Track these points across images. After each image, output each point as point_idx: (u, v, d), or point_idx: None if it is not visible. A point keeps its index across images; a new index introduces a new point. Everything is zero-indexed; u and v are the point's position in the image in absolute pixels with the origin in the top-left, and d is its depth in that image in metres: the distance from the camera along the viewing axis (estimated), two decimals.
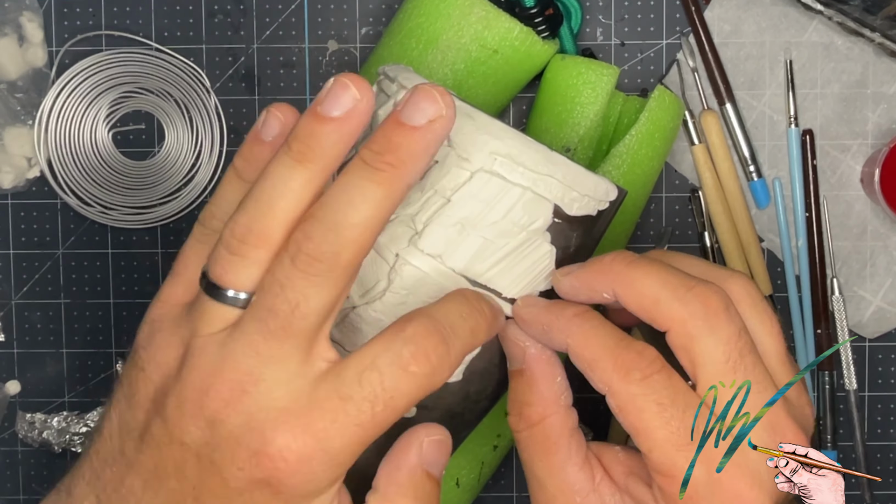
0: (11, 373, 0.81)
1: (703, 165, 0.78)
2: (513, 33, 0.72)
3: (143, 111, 0.80)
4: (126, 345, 0.81)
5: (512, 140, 0.56)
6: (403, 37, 0.73)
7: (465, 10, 0.72)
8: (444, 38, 0.72)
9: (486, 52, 0.72)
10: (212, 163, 0.80)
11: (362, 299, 0.57)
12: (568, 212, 0.57)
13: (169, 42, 0.80)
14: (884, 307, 0.80)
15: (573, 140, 0.73)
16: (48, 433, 0.81)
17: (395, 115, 0.49)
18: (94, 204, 0.80)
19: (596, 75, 0.73)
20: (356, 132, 0.49)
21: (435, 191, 0.56)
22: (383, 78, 0.61)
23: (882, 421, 0.80)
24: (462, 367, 0.58)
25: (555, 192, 0.57)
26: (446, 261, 0.56)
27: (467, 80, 0.73)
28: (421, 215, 0.56)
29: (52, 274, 0.81)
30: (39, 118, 0.79)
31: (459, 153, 0.56)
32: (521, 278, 0.58)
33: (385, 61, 0.73)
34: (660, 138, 0.73)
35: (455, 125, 0.56)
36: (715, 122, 0.78)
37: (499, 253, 0.57)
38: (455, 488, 0.75)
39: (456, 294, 0.54)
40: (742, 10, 0.79)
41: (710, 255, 0.80)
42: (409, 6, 0.74)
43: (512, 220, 0.56)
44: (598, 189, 0.58)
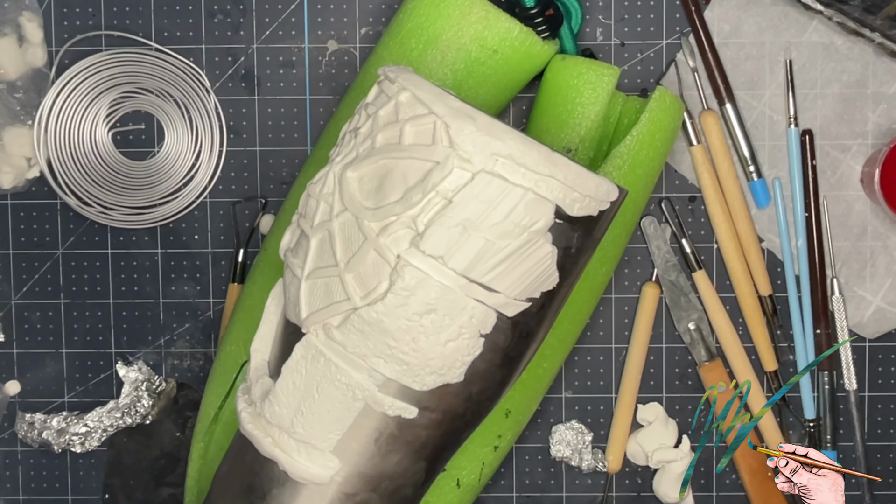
0: (11, 373, 0.81)
1: (701, 166, 0.78)
2: (513, 33, 0.72)
3: (142, 111, 0.80)
4: (126, 345, 0.81)
5: (513, 141, 0.56)
6: (403, 37, 0.73)
7: (464, 10, 0.72)
8: (444, 39, 0.72)
9: (486, 53, 0.72)
10: (211, 163, 0.80)
11: (364, 300, 0.57)
12: (569, 212, 0.57)
13: (169, 42, 0.80)
14: (884, 307, 0.80)
15: (574, 140, 0.73)
16: (48, 433, 0.81)
17: None
18: (94, 204, 0.80)
19: (596, 76, 0.73)
20: None
21: (436, 192, 0.56)
22: (384, 79, 0.61)
23: (882, 421, 0.80)
24: (463, 368, 0.59)
25: (556, 192, 0.57)
26: (448, 262, 0.56)
27: (467, 80, 0.73)
28: (422, 216, 0.56)
29: (52, 274, 0.81)
30: (39, 118, 0.79)
31: (461, 154, 0.56)
32: (523, 279, 0.58)
33: (385, 62, 0.73)
34: (660, 139, 0.73)
35: (456, 126, 0.56)
36: (715, 121, 0.78)
37: (500, 254, 0.57)
38: (456, 488, 0.75)
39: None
40: (742, 10, 0.79)
41: (693, 258, 0.80)
42: (408, 6, 0.74)
43: (513, 221, 0.56)
44: (599, 189, 0.58)
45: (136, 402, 0.80)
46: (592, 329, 0.80)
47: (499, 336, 0.59)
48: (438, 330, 0.57)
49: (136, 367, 0.81)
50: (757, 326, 0.79)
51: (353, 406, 0.59)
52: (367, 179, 0.58)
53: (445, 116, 0.57)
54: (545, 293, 0.59)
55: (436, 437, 0.62)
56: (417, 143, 0.57)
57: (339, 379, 0.59)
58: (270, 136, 0.80)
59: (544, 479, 0.81)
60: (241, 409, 0.62)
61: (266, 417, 0.61)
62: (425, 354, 0.58)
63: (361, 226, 0.57)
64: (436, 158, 0.56)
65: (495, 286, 0.57)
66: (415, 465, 0.62)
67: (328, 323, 0.59)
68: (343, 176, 0.59)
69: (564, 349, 0.76)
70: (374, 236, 0.57)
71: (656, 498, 0.81)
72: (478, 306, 0.57)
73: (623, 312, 0.80)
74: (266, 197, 0.80)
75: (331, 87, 0.80)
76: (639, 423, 0.80)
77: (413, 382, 0.59)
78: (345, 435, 0.60)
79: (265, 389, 0.62)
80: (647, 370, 0.80)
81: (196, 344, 0.81)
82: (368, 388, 0.59)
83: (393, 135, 0.58)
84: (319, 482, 0.61)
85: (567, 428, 0.80)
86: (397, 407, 0.59)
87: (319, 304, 0.59)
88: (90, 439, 0.81)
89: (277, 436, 0.61)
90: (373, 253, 0.57)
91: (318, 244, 0.60)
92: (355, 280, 0.58)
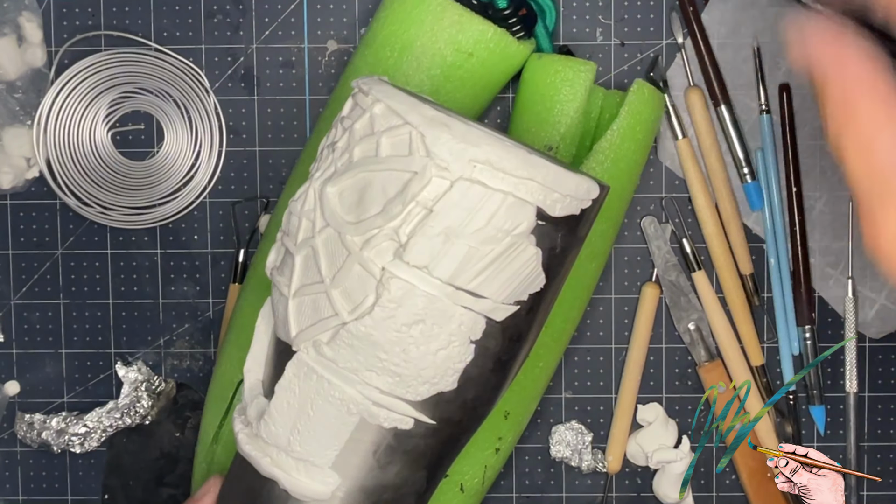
0: (10, 373, 0.81)
1: (688, 160, 0.78)
2: (487, 35, 0.72)
3: (142, 111, 0.80)
4: (125, 345, 0.81)
5: (490, 146, 0.56)
6: (378, 46, 0.73)
7: (437, 15, 0.72)
8: (419, 45, 0.72)
9: (461, 56, 0.72)
10: (211, 163, 0.80)
11: (351, 315, 0.57)
12: (551, 213, 0.57)
13: (168, 42, 0.80)
14: (888, 306, 0.80)
15: (555, 138, 0.73)
16: (47, 434, 0.80)
17: None
18: (94, 204, 0.80)
19: (573, 72, 0.73)
20: None
21: (416, 202, 0.56)
22: (357, 91, 0.61)
23: (882, 421, 0.80)
24: (456, 375, 0.59)
25: (536, 194, 0.57)
26: (433, 271, 0.56)
27: (444, 85, 0.72)
28: (404, 227, 0.56)
29: (52, 274, 0.81)
30: (38, 118, 0.79)
31: (438, 163, 0.56)
32: (509, 283, 0.57)
33: (361, 72, 0.73)
34: (641, 131, 0.73)
35: (431, 135, 0.56)
36: (699, 98, 0.78)
37: (485, 259, 0.57)
38: (460, 493, 0.74)
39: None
40: (739, 11, 0.79)
41: (693, 258, 0.80)
42: (381, 15, 0.73)
43: (495, 226, 0.56)
44: (579, 188, 0.58)
45: (136, 402, 0.80)
46: (592, 329, 0.80)
47: (489, 341, 0.58)
48: (428, 339, 0.57)
49: (135, 368, 0.80)
50: (743, 324, 0.79)
51: (349, 421, 0.59)
52: (346, 194, 0.58)
53: (420, 126, 0.56)
54: (533, 295, 0.59)
55: (434, 445, 0.61)
56: (394, 154, 0.57)
57: (332, 395, 0.59)
58: (270, 137, 0.80)
59: (544, 479, 0.81)
60: (237, 431, 0.62)
61: (263, 437, 0.61)
62: (417, 364, 0.58)
63: (344, 240, 0.57)
64: (414, 169, 0.56)
65: (482, 292, 0.57)
66: (415, 474, 0.62)
67: (318, 339, 0.59)
68: (323, 191, 0.59)
69: (560, 348, 0.76)
70: (358, 250, 0.57)
71: (656, 498, 0.81)
72: (466, 313, 0.57)
73: (623, 313, 0.80)
74: (266, 197, 0.80)
75: (331, 88, 0.80)
76: (639, 423, 0.80)
77: (407, 393, 0.59)
78: (342, 450, 0.60)
79: (260, 409, 0.62)
80: (647, 370, 0.80)
81: (196, 344, 0.81)
82: (362, 402, 0.59)
83: (370, 147, 0.58)
84: (320, 498, 0.61)
85: (567, 428, 0.80)
86: (393, 419, 0.59)
87: (308, 321, 0.59)
88: (89, 440, 0.80)
89: (275, 455, 0.61)
90: (357, 267, 0.57)
91: (303, 261, 0.59)
92: (342, 295, 0.58)
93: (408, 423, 0.59)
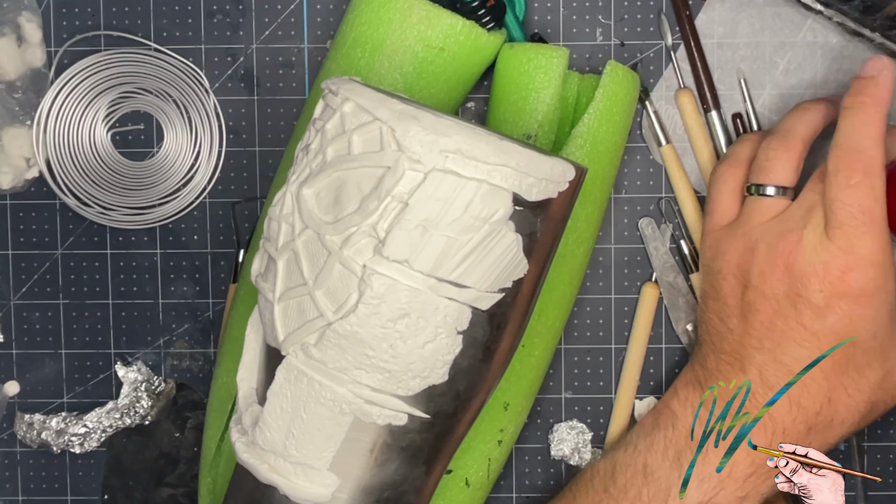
0: (10, 373, 0.81)
1: (673, 166, 0.78)
2: (456, 29, 0.72)
3: (141, 111, 0.80)
4: (125, 345, 0.81)
5: (460, 135, 0.56)
6: (349, 48, 0.73)
7: (405, 12, 0.72)
8: (389, 43, 0.72)
9: (432, 52, 0.72)
10: (211, 163, 0.80)
11: (336, 315, 0.58)
12: (528, 198, 0.58)
13: (168, 42, 0.80)
14: None
15: (533, 126, 0.73)
16: (47, 434, 0.80)
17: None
18: (93, 204, 0.80)
19: (546, 59, 0.73)
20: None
21: (392, 197, 0.56)
22: (327, 92, 0.61)
23: (882, 421, 0.81)
24: (446, 367, 0.59)
25: (511, 180, 0.57)
26: (413, 264, 0.56)
27: (418, 81, 0.73)
28: (382, 223, 0.56)
29: (51, 274, 0.81)
30: (38, 118, 0.79)
31: (410, 156, 0.56)
32: (492, 271, 0.58)
33: (333, 75, 0.73)
34: (618, 112, 0.73)
35: (401, 129, 0.56)
36: (689, 99, 0.78)
37: (465, 249, 0.57)
38: (465, 488, 0.75)
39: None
40: (736, 11, 0.79)
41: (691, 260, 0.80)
42: (349, 17, 0.74)
43: (472, 215, 0.56)
44: (554, 171, 0.58)
45: (136, 402, 0.80)
46: (592, 329, 0.80)
47: (476, 331, 0.59)
48: (414, 333, 0.57)
49: (135, 368, 0.81)
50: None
51: (343, 421, 0.59)
52: (323, 194, 0.59)
53: (390, 120, 0.57)
54: (517, 281, 0.59)
55: (430, 439, 0.62)
56: (367, 150, 0.58)
57: (323, 396, 0.59)
58: (270, 137, 0.80)
59: (544, 479, 0.81)
60: (234, 440, 0.63)
61: (259, 444, 0.61)
62: (405, 359, 0.58)
63: (324, 241, 0.58)
64: (386, 164, 0.56)
65: (464, 281, 0.57)
66: (414, 470, 0.62)
67: (305, 342, 0.59)
68: (299, 194, 0.59)
69: (554, 335, 0.76)
70: (338, 249, 0.57)
71: None
72: (450, 304, 0.57)
73: (622, 313, 0.80)
74: (266, 197, 0.80)
75: None
76: (637, 420, 0.80)
77: (398, 389, 0.59)
78: (339, 451, 0.60)
79: (255, 417, 0.62)
80: (647, 370, 0.80)
81: (195, 344, 0.81)
82: (354, 401, 0.59)
83: (342, 146, 0.59)
84: (321, 501, 0.61)
85: (567, 427, 0.80)
86: (386, 415, 0.59)
87: (294, 324, 0.59)
88: (89, 440, 0.81)
89: (273, 461, 0.61)
90: (338, 266, 0.57)
91: (285, 265, 0.60)
92: (325, 296, 0.58)
93: (402, 419, 0.60)
